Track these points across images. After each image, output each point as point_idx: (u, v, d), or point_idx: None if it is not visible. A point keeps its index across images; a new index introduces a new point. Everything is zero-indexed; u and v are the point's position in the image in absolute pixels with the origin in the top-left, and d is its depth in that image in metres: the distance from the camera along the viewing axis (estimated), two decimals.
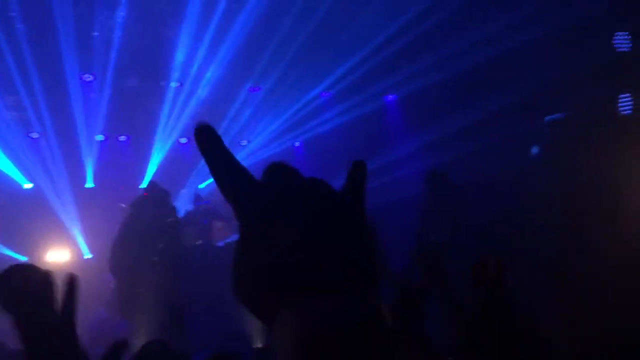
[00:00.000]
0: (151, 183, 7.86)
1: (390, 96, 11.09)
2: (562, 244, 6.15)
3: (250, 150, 12.02)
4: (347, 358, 0.56)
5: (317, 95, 11.36)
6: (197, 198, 8.94)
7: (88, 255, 10.64)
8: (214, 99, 11.21)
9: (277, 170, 0.70)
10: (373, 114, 10.74)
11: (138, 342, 6.08)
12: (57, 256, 10.41)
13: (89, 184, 11.22)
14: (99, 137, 11.26)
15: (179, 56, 10.51)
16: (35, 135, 10.86)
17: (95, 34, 9.75)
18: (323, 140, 11.22)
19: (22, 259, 10.03)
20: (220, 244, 8.43)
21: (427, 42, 9.34)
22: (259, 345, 6.69)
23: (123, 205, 9.00)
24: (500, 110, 8.24)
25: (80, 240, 10.70)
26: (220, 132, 0.70)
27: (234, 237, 8.54)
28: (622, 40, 7.94)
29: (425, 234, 6.41)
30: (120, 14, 9.56)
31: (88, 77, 10.71)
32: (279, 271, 0.62)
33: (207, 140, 0.69)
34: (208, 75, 10.88)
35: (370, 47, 10.04)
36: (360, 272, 0.64)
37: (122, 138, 11.56)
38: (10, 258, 9.83)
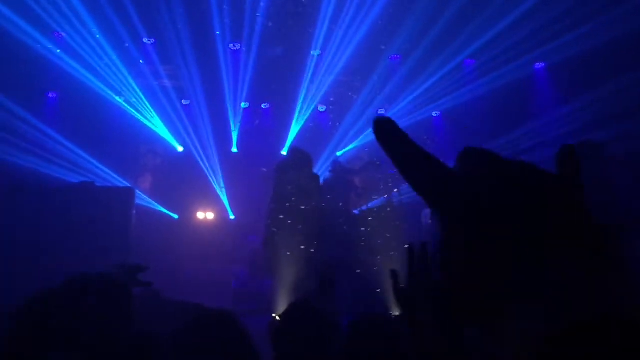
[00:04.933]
0: (292, 148, 8.07)
1: (539, 64, 10.44)
2: None
3: None
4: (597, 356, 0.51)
5: (460, 63, 10.97)
6: (336, 165, 9.08)
7: (232, 216, 11.26)
8: (353, 68, 11.23)
9: (476, 157, 0.64)
10: (518, 83, 10.16)
11: (281, 300, 6.42)
12: (204, 216, 11.15)
13: (234, 148, 11.81)
14: (244, 105, 11.77)
15: (321, 24, 10.63)
16: (186, 102, 11.60)
17: (242, 4, 10.13)
18: (462, 111, 10.82)
19: (174, 216, 10.86)
20: (356, 211, 8.53)
21: (580, 6, 8.61)
22: (397, 312, 6.69)
23: (264, 170, 9.39)
24: None
25: (225, 201, 11.33)
26: (358, 100, 0.67)
27: (370, 204, 8.60)
28: None
29: None
30: None
31: (235, 47, 11.21)
32: (505, 266, 0.57)
33: (389, 135, 0.63)
34: (349, 43, 10.91)
35: (518, 12, 9.46)
36: (594, 259, 0.57)
37: (265, 105, 11.99)
38: (164, 215, 10.69)
